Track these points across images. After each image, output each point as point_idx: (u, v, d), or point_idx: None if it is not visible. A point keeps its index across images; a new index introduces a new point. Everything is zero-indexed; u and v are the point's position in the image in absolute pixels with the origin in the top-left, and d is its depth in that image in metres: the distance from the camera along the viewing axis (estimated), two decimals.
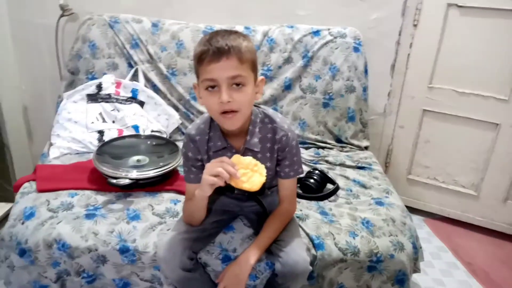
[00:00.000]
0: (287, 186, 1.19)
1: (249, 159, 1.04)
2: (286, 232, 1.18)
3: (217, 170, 1.01)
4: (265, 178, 1.04)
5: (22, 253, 1.20)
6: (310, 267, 1.13)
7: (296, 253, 1.11)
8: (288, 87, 1.81)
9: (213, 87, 1.01)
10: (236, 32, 1.04)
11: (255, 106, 1.14)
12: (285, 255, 1.10)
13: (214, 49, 0.98)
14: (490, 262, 1.83)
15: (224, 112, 1.02)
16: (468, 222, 2.05)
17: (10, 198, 1.80)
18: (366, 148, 1.86)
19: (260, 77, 1.09)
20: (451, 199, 2.05)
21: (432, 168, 2.06)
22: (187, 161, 1.16)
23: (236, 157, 1.05)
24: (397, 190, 1.57)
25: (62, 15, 1.85)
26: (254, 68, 1.05)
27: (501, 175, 1.91)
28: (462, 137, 1.94)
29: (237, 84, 1.01)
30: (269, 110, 1.17)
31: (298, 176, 1.20)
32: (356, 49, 1.80)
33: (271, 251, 1.16)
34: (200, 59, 1.00)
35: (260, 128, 1.13)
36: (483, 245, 1.95)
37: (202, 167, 1.10)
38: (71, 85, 1.77)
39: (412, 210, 2.14)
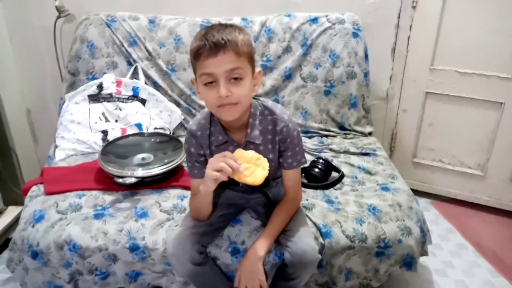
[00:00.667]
0: (291, 176, 1.19)
1: (251, 153, 1.05)
2: (293, 222, 1.19)
3: (220, 165, 1.01)
4: (267, 172, 1.04)
5: (35, 255, 1.23)
6: (319, 256, 1.14)
7: (304, 242, 1.12)
8: (288, 76, 1.81)
9: (211, 82, 1.01)
10: (231, 26, 1.04)
11: (254, 98, 1.14)
12: (293, 245, 1.11)
13: (210, 44, 0.98)
14: (499, 241, 1.83)
15: (222, 105, 1.02)
16: (475, 203, 2.05)
17: (19, 201, 1.82)
18: (370, 134, 1.85)
19: (257, 69, 1.09)
20: (457, 180, 2.05)
21: (437, 150, 2.06)
22: (190, 156, 1.17)
23: (239, 151, 1.05)
24: (403, 174, 1.58)
25: (59, 17, 1.85)
26: (251, 61, 1.05)
27: (507, 154, 1.90)
28: (466, 118, 1.93)
29: (235, 78, 1.01)
30: (269, 102, 1.17)
31: (301, 166, 1.21)
32: (355, 35, 1.78)
33: (279, 242, 1.17)
34: (197, 54, 1.00)
35: (260, 120, 1.13)
36: (491, 225, 1.95)
37: (205, 162, 1.10)
38: (72, 86, 1.78)
39: (419, 193, 2.14)
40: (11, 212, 1.78)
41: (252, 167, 1.04)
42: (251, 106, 1.12)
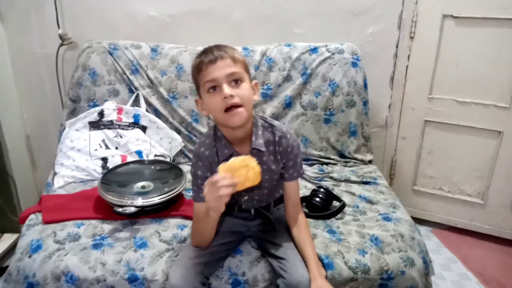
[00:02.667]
0: (295, 189, 1.24)
1: (233, 161, 1.03)
2: (291, 251, 1.18)
3: (218, 194, 1.00)
4: (258, 166, 1.04)
5: (30, 287, 1.19)
6: None
7: (299, 273, 1.11)
8: (288, 104, 1.82)
9: (214, 88, 1.08)
10: (226, 46, 1.13)
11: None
12: (288, 275, 1.11)
13: (209, 57, 1.09)
14: (502, 270, 1.82)
15: (228, 110, 1.07)
16: (476, 231, 2.04)
17: (15, 229, 1.79)
18: (370, 161, 1.85)
19: (254, 81, 1.17)
20: (457, 208, 2.04)
21: (437, 178, 2.06)
22: (197, 180, 1.18)
23: (222, 167, 1.02)
24: (403, 202, 1.57)
25: (61, 44, 1.87)
26: (247, 70, 1.14)
27: (506, 182, 1.91)
28: (465, 146, 1.94)
29: (236, 81, 1.09)
30: (267, 117, 1.24)
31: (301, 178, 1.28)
32: (354, 64, 1.81)
33: (274, 269, 1.17)
34: (198, 68, 1.10)
35: (262, 131, 1.18)
36: (493, 253, 1.93)
37: None
38: (73, 113, 1.78)
39: (419, 221, 2.13)
40: (7, 239, 1.76)
41: (243, 171, 1.03)
42: (253, 117, 1.17)
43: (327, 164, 1.81)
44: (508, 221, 1.96)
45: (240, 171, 1.02)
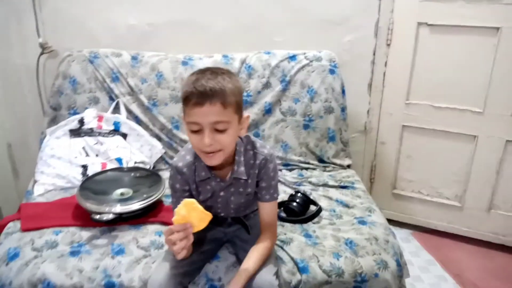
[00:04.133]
0: (266, 211, 1.21)
1: (182, 210, 1.02)
2: None
3: (178, 247, 1.01)
4: (199, 206, 1.02)
5: None
6: None
7: (263, 278, 1.11)
8: (268, 111, 1.85)
9: (197, 130, 1.04)
10: (223, 73, 1.05)
11: None
12: (252, 280, 1.11)
13: (198, 93, 1.00)
14: (479, 272, 1.85)
15: (206, 153, 1.06)
16: (455, 234, 2.07)
17: None
18: (348, 166, 1.89)
19: (245, 115, 1.12)
20: (436, 211, 2.08)
21: (416, 181, 2.10)
22: (175, 192, 1.19)
23: (175, 220, 1.02)
24: (383, 205, 1.60)
25: (42, 53, 1.88)
26: (238, 110, 1.07)
27: (482, 185, 1.95)
28: (442, 150, 1.99)
29: (221, 129, 1.04)
30: (251, 137, 1.20)
31: (276, 201, 1.22)
32: (332, 71, 1.84)
33: None
34: (186, 100, 1.03)
35: (244, 155, 1.16)
36: (471, 256, 1.97)
37: (190, 197, 1.10)
38: (53, 121, 1.79)
39: (399, 224, 2.17)
40: None
41: (194, 213, 1.02)
42: (236, 144, 1.14)
43: (306, 169, 1.83)
44: (485, 223, 2.00)
45: (192, 214, 1.02)
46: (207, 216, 1.03)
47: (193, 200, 1.02)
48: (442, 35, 1.84)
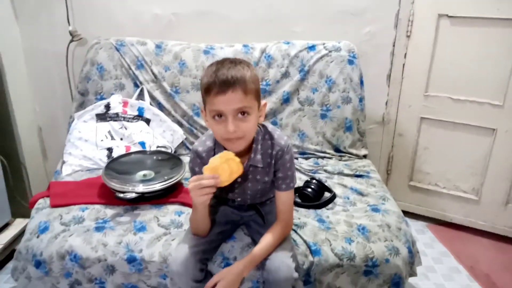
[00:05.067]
0: (283, 200, 1.24)
1: (216, 159, 1.09)
2: None
3: (202, 194, 1.08)
4: (237, 158, 1.10)
5: (38, 264, 1.29)
6: (295, 274, 1.15)
7: (279, 259, 1.16)
8: (286, 100, 1.89)
9: (219, 115, 1.08)
10: (240, 62, 1.10)
11: None
12: (269, 262, 1.16)
13: (220, 82, 1.05)
14: (492, 266, 1.85)
15: (229, 139, 1.11)
16: (470, 227, 2.07)
17: (26, 214, 1.89)
18: (364, 156, 1.91)
19: (263, 102, 1.17)
20: (452, 204, 2.09)
21: (432, 174, 2.10)
22: (194, 175, 1.23)
23: (206, 168, 1.09)
24: (399, 197, 1.61)
25: (71, 40, 1.97)
26: (257, 97, 1.12)
27: (500, 179, 1.94)
28: (460, 143, 1.98)
29: (242, 113, 1.08)
30: (269, 126, 1.24)
31: (292, 191, 1.26)
32: (350, 62, 1.86)
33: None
34: (207, 90, 1.07)
35: (261, 144, 1.20)
36: (485, 249, 1.97)
37: None
38: (81, 105, 1.88)
39: (415, 216, 2.18)
40: (18, 224, 1.86)
41: (225, 166, 1.08)
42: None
43: (322, 158, 1.87)
44: (501, 218, 1.99)
45: (223, 166, 1.08)
46: (238, 170, 1.09)
47: (230, 152, 1.09)
48: (463, 27, 1.84)
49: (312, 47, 1.89)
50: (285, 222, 1.24)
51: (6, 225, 1.83)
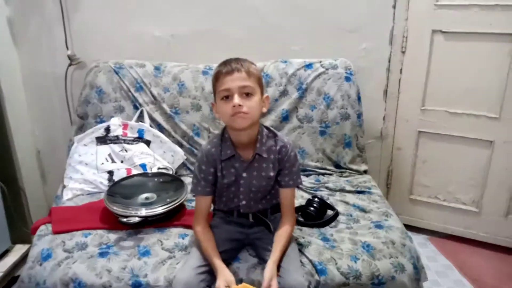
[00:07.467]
0: (289, 196, 1.33)
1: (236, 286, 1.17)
2: (286, 258, 1.25)
3: None
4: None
5: None
6: None
7: (293, 278, 1.17)
8: (285, 118, 1.90)
9: (227, 97, 1.21)
10: (245, 60, 1.27)
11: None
12: (282, 280, 1.17)
13: (227, 67, 1.23)
14: (497, 277, 1.85)
15: (235, 114, 1.20)
16: (472, 239, 2.08)
17: (26, 240, 1.88)
18: (365, 172, 1.92)
19: (265, 95, 1.30)
20: (453, 216, 2.09)
21: (432, 187, 2.11)
22: (200, 173, 1.31)
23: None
24: (400, 211, 1.62)
25: (70, 64, 1.98)
26: (260, 84, 1.27)
27: (500, 190, 1.96)
28: (459, 155, 2.00)
29: (247, 94, 1.21)
30: (271, 127, 1.37)
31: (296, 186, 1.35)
32: (347, 79, 1.89)
33: None
34: (217, 77, 1.24)
35: (266, 140, 1.30)
36: (489, 261, 1.97)
37: (211, 182, 1.30)
38: (81, 129, 1.88)
39: (416, 229, 2.18)
40: (18, 250, 1.83)
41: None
42: (259, 126, 1.30)
43: (323, 174, 1.88)
44: (502, 229, 2.00)
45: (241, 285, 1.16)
46: None
47: (249, 286, 1.16)
48: (457, 42, 1.87)
49: (309, 65, 1.91)
50: (290, 216, 1.34)
51: (6, 252, 1.81)
